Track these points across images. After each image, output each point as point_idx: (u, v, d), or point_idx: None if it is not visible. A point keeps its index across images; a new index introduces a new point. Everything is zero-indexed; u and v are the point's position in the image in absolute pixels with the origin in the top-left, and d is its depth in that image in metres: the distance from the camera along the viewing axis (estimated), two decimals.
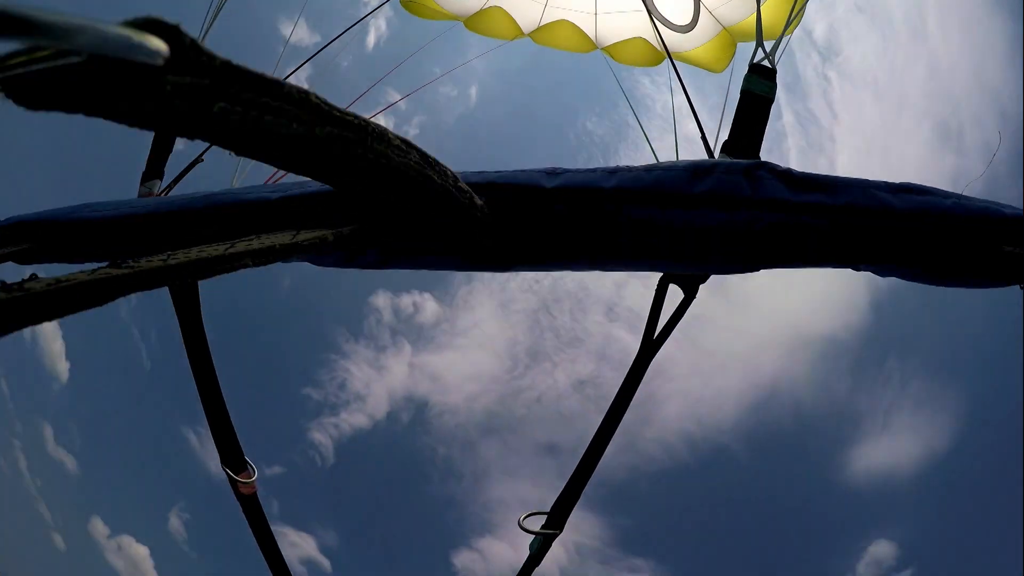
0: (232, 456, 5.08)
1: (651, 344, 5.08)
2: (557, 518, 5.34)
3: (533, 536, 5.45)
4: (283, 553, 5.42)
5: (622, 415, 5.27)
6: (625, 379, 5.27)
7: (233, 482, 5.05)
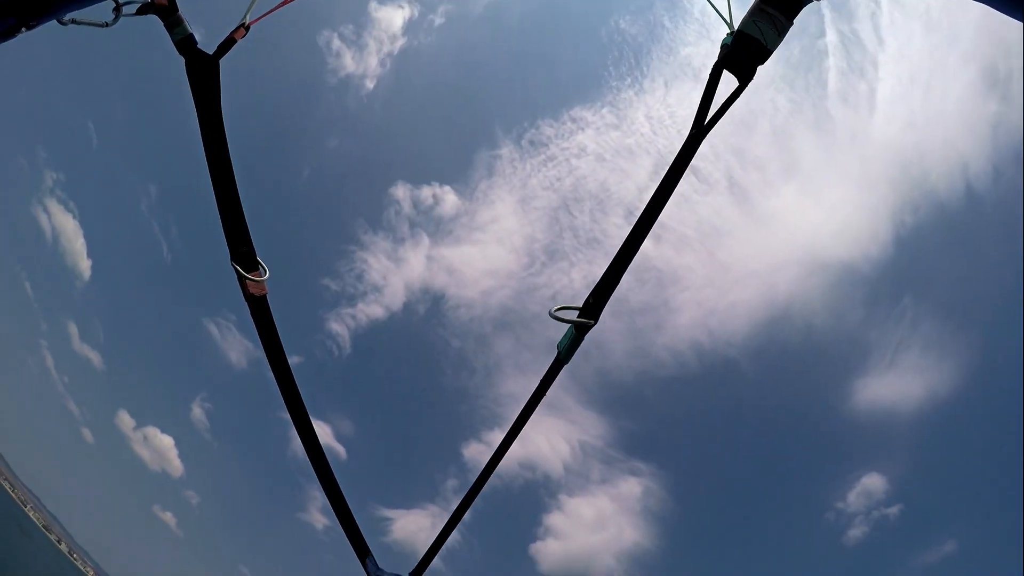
0: (243, 252, 4.69)
1: (701, 130, 4.92)
2: (592, 309, 5.16)
3: (565, 329, 5.38)
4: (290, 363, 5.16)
5: (665, 202, 5.05)
6: (672, 164, 5.03)
7: (242, 280, 4.69)
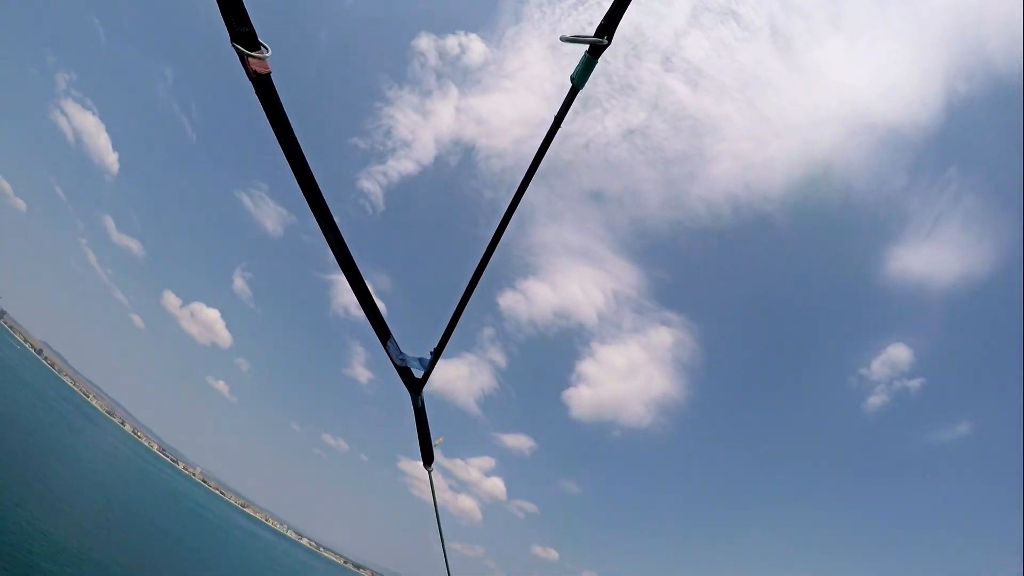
0: (243, 33, 4.45)
1: None
2: (606, 27, 5.00)
3: (577, 61, 5.35)
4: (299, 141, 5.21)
5: None
6: None
7: (244, 59, 4.54)
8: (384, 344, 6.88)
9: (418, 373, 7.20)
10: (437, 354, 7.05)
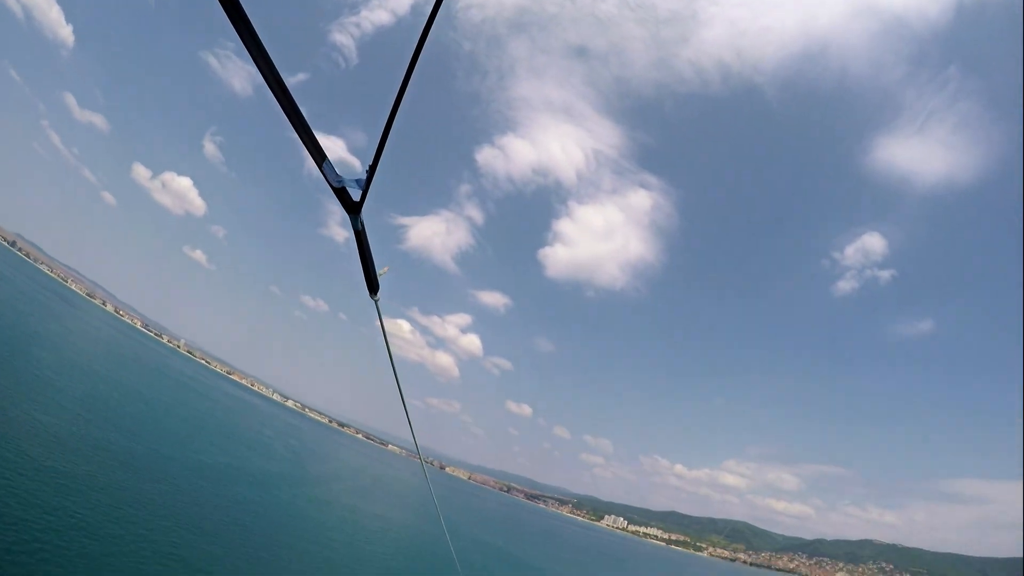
0: None
1: None
2: None
3: None
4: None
5: None
6: None
7: None
8: (319, 166, 6.77)
9: (356, 194, 7.04)
10: (372, 171, 6.85)
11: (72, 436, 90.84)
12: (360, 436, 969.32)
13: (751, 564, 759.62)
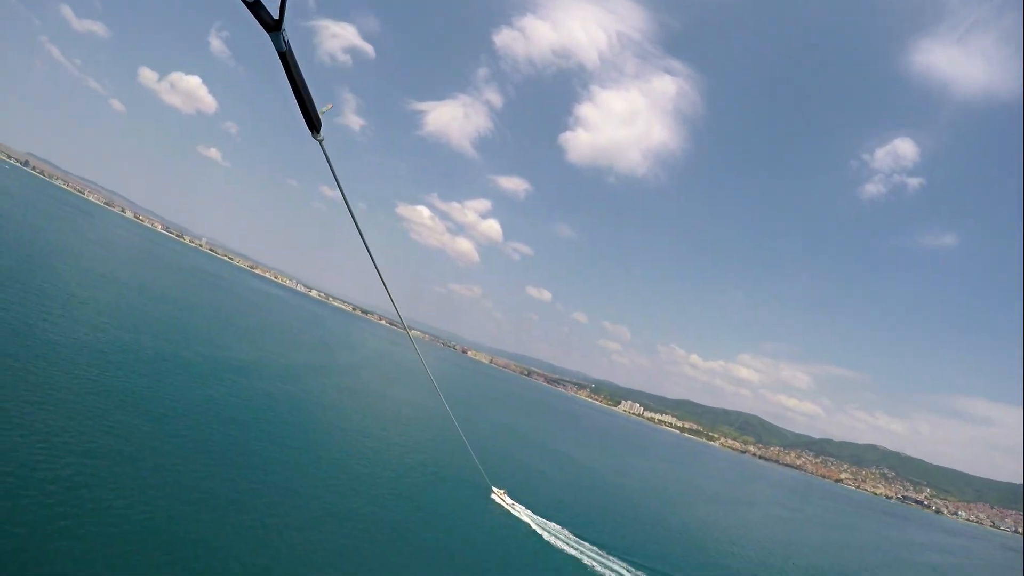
0: None
1: None
2: None
3: None
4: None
5: None
6: None
7: None
8: (273, 38, 6.30)
9: (274, 10, 6.45)
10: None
11: (100, 345, 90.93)
12: (383, 322, 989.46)
13: (760, 457, 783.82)
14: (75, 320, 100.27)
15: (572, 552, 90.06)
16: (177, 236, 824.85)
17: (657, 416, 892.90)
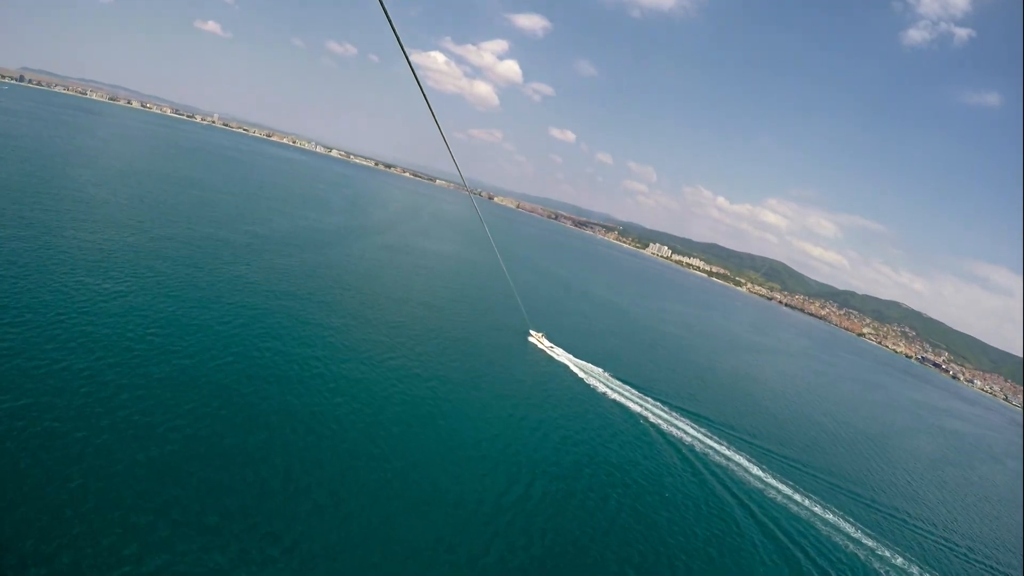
0: None
1: None
2: None
3: None
4: None
5: None
6: None
7: None
8: None
9: None
10: None
11: (123, 243, 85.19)
12: (408, 175, 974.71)
13: (785, 304, 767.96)
14: (98, 220, 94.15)
15: (612, 395, 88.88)
16: (188, 117, 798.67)
17: (685, 259, 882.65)
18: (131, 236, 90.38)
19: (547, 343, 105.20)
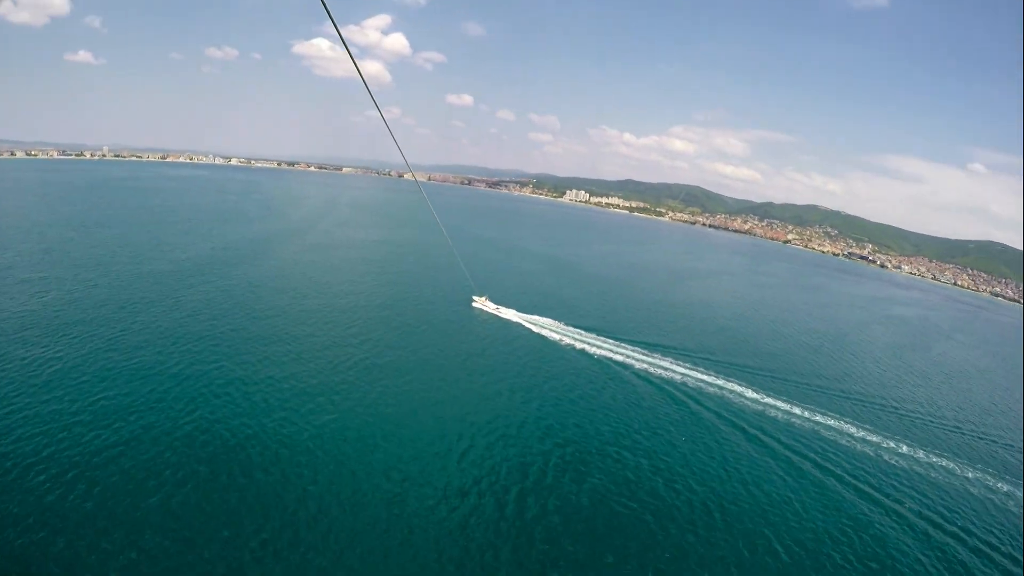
0: None
1: None
2: None
3: None
4: None
5: None
6: None
7: None
8: None
9: None
10: None
11: (48, 304, 79.19)
12: (313, 168, 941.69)
13: (710, 226, 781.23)
14: (16, 288, 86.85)
15: (568, 341, 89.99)
16: (78, 156, 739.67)
17: (603, 200, 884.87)
18: (50, 295, 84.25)
19: (492, 305, 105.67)
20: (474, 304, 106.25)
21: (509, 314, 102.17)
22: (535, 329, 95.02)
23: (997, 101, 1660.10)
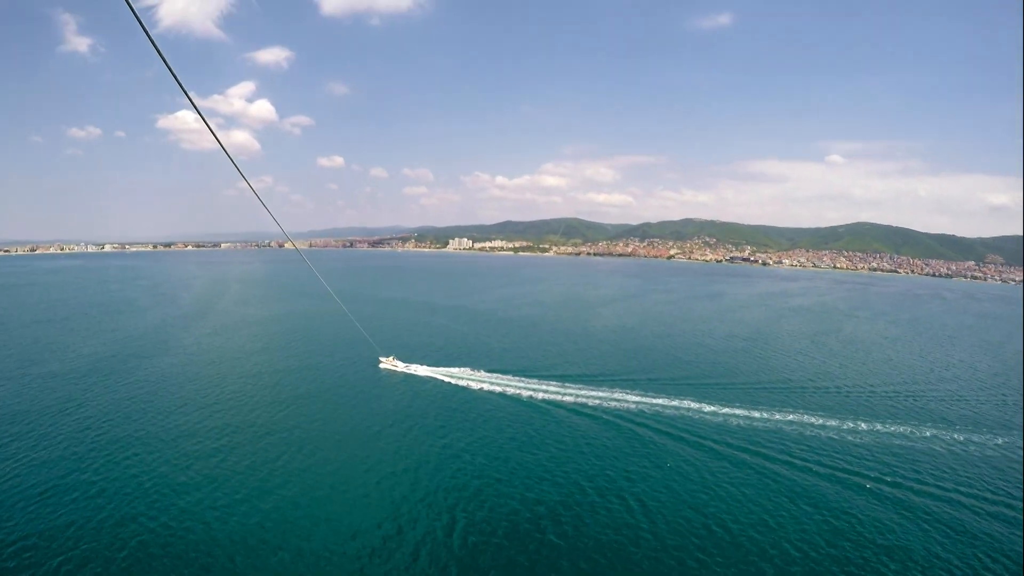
0: None
1: None
2: None
3: None
4: None
5: None
6: None
7: None
8: None
9: None
10: None
11: None
12: (190, 247, 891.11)
13: (594, 254, 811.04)
14: None
15: (490, 387, 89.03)
16: None
17: (487, 244, 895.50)
18: None
19: (401, 364, 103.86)
20: (381, 365, 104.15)
21: (421, 370, 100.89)
22: (451, 381, 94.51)
23: (844, 96, 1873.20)
